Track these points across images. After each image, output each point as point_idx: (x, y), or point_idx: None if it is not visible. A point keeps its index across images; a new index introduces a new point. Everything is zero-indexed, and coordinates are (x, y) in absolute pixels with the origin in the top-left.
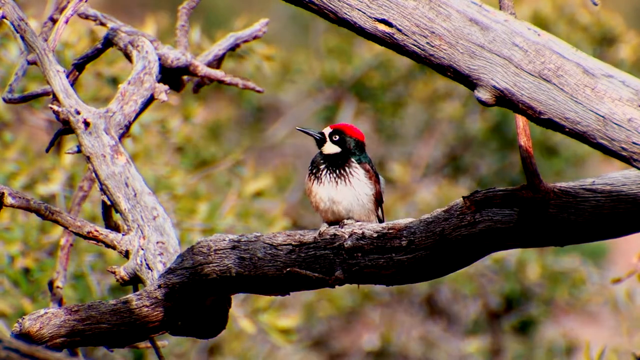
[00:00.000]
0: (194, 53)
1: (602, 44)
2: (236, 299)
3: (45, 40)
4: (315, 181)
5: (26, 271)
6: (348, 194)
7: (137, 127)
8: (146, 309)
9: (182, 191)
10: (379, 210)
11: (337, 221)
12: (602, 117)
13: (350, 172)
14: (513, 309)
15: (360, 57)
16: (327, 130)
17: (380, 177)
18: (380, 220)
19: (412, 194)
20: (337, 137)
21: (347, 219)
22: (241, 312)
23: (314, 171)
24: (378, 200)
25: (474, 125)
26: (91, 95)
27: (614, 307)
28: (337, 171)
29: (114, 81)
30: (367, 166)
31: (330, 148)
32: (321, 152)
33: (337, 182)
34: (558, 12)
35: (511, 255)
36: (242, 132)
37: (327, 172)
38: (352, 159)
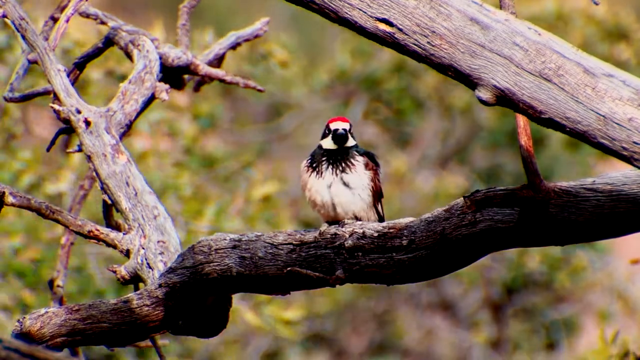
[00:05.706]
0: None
1: (614, 39)
2: (237, 294)
3: (46, 39)
4: (314, 173)
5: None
6: (346, 187)
7: (147, 127)
8: (147, 308)
9: (188, 192)
10: (379, 205)
11: (335, 218)
12: (603, 116)
13: (352, 163)
14: (514, 296)
15: (379, 59)
16: (347, 127)
17: (380, 170)
18: (380, 216)
19: (411, 184)
20: (351, 132)
21: (346, 215)
22: (245, 305)
23: (313, 164)
24: (377, 193)
25: (481, 115)
26: (103, 95)
27: (617, 297)
28: (338, 163)
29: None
30: (366, 158)
31: (350, 142)
32: (320, 146)
33: (336, 174)
34: (566, 9)
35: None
36: (251, 127)
37: (327, 164)
38: (354, 151)
